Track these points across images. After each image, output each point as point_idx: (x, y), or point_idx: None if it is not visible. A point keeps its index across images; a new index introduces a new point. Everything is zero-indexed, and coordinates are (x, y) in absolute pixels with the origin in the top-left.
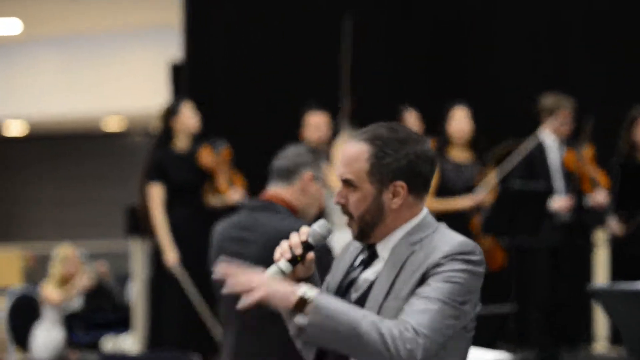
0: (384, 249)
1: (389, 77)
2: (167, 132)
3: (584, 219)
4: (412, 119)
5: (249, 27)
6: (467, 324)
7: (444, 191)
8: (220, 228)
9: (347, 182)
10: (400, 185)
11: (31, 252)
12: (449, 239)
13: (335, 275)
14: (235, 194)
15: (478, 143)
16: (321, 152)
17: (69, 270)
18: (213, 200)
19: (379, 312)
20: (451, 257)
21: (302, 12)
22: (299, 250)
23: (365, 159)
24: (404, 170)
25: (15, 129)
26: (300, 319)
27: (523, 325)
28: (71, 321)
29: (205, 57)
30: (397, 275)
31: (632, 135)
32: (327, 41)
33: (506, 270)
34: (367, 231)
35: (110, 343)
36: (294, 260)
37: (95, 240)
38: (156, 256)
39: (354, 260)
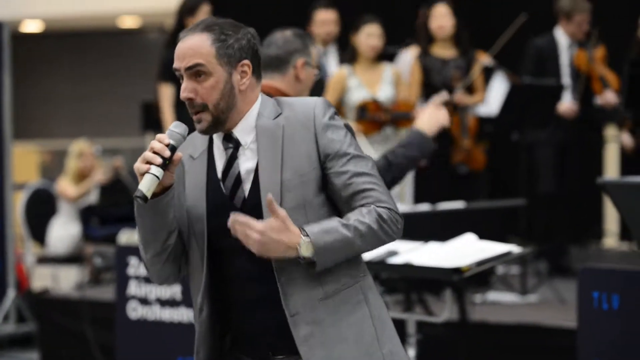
0: (243, 135)
1: None
2: (179, 30)
3: (594, 116)
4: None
5: None
6: None
7: (427, 87)
8: None
9: (196, 70)
10: (247, 64)
11: (48, 149)
12: (307, 103)
13: (194, 184)
14: None
15: (461, 38)
16: (308, 35)
17: (85, 166)
18: None
19: (281, 190)
20: (328, 119)
21: None
22: (167, 153)
23: (210, 44)
24: (246, 48)
25: (32, 26)
26: (305, 258)
27: (533, 219)
28: (87, 215)
29: None
30: (282, 152)
31: None
32: None
33: (516, 165)
34: (222, 119)
35: (126, 237)
36: (164, 165)
37: (111, 136)
38: None
39: (208, 167)
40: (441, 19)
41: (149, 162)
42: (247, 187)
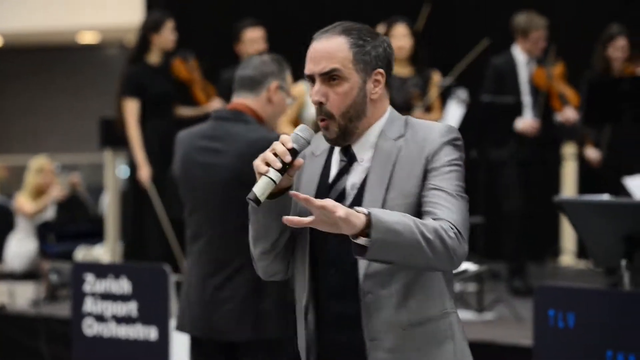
0: (361, 151)
1: None
2: (143, 45)
3: (553, 134)
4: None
5: None
6: None
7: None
8: (185, 137)
9: (331, 75)
10: (381, 72)
11: (5, 164)
12: (433, 127)
13: (308, 185)
14: (215, 103)
15: (418, 57)
16: (285, 62)
17: (44, 182)
18: (184, 112)
19: (382, 207)
20: (446, 142)
21: None
22: (288, 158)
23: (348, 48)
24: (382, 57)
25: None
26: (362, 240)
27: (492, 237)
28: (44, 232)
29: None
30: (392, 172)
31: (607, 52)
32: None
33: (476, 182)
34: (350, 128)
35: (82, 253)
36: (283, 169)
37: (69, 152)
38: (133, 169)
39: (323, 170)
40: (401, 39)
41: (268, 164)
42: (347, 203)
